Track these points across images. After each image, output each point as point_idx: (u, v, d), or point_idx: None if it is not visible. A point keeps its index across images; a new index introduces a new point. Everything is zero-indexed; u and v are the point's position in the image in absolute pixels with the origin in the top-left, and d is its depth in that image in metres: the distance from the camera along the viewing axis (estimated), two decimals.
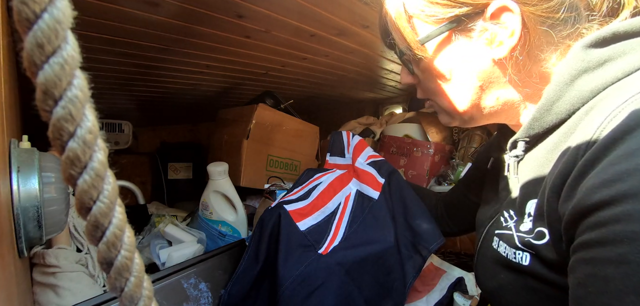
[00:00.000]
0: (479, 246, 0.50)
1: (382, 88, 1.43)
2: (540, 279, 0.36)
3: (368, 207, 0.74)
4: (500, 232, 0.43)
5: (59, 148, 0.15)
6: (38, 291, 0.58)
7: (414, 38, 0.41)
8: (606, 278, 0.25)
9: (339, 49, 0.87)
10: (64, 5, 0.14)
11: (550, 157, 0.38)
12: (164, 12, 0.58)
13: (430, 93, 0.47)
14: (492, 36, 0.38)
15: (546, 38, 0.38)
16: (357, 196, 0.76)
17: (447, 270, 0.88)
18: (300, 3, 0.61)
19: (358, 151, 0.84)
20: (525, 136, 0.40)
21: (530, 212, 0.39)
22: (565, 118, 0.37)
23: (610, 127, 0.29)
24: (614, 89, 0.33)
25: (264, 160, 1.12)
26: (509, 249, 0.41)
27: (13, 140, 0.40)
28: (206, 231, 0.96)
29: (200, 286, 0.69)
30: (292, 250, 0.66)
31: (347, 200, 0.76)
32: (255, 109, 1.07)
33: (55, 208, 0.42)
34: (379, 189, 0.76)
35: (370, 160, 0.82)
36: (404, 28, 0.42)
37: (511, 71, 0.39)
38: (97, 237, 0.17)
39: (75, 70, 0.15)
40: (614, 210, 0.25)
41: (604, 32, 0.34)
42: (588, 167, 0.29)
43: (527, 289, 0.38)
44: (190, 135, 1.72)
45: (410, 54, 0.43)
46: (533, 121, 0.39)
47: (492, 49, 0.38)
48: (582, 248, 0.28)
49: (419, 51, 0.42)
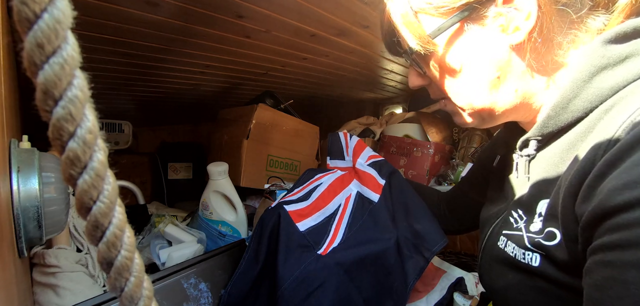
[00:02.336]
0: (483, 246, 0.49)
1: (382, 88, 1.43)
2: (549, 280, 0.36)
3: (368, 209, 0.73)
4: (508, 232, 0.42)
5: (59, 148, 0.15)
6: (38, 291, 0.58)
7: (423, 34, 0.39)
8: (626, 282, 0.24)
9: (339, 49, 0.87)
10: (64, 5, 0.14)
11: (565, 156, 0.36)
12: (164, 12, 0.58)
13: (444, 92, 0.44)
14: (507, 21, 0.36)
15: (560, 18, 0.36)
16: (357, 197, 0.76)
17: (447, 270, 0.88)
18: (300, 3, 0.61)
19: (357, 152, 0.84)
20: (538, 134, 0.39)
21: (541, 212, 0.38)
22: (582, 116, 0.35)
23: (633, 126, 0.28)
24: (636, 87, 0.32)
25: (264, 160, 1.12)
26: (517, 249, 0.40)
27: (13, 140, 0.40)
28: (206, 231, 0.96)
29: (200, 286, 0.69)
30: (292, 251, 0.66)
31: (348, 201, 0.76)
32: (255, 109, 1.07)
33: (55, 208, 0.42)
34: (379, 191, 0.75)
35: (371, 160, 0.82)
36: (410, 24, 0.40)
37: (530, 57, 0.37)
38: (97, 237, 0.17)
39: (75, 70, 0.15)
40: (636, 213, 0.25)
41: (625, 27, 0.33)
42: (609, 168, 0.28)
43: (535, 290, 0.37)
44: (190, 135, 1.72)
45: (420, 52, 0.41)
46: (547, 119, 0.37)
47: (508, 35, 0.36)
48: (601, 250, 0.27)
49: (429, 46, 0.39)
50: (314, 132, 1.26)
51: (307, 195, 0.78)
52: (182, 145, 1.60)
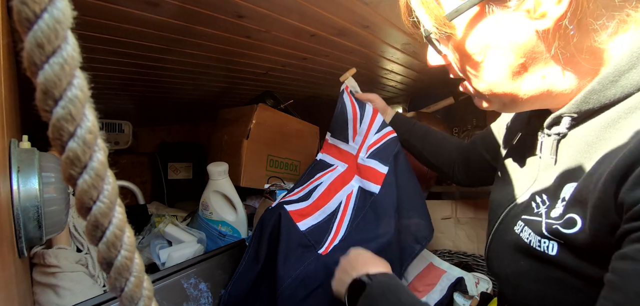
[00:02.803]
0: (494, 229, 0.46)
1: (382, 89, 1.43)
2: (565, 269, 0.34)
3: (369, 202, 0.73)
4: (528, 218, 0.40)
5: (59, 148, 0.15)
6: (38, 291, 0.58)
7: (440, 15, 0.36)
8: None
9: (339, 49, 0.87)
10: (64, 5, 0.14)
11: (602, 135, 0.33)
12: (164, 12, 0.58)
13: (464, 74, 0.41)
14: (534, 5, 0.32)
15: (603, 1, 0.32)
16: (359, 193, 0.76)
17: (447, 270, 0.88)
18: (300, 3, 0.61)
19: (366, 135, 0.80)
20: (575, 111, 0.35)
21: (564, 197, 0.35)
22: (633, 92, 0.31)
23: None
24: None
25: (264, 160, 1.12)
26: (534, 236, 0.37)
27: (13, 140, 0.40)
28: (206, 231, 0.96)
29: (200, 286, 0.69)
30: (292, 250, 0.66)
31: (349, 198, 0.75)
32: (255, 109, 1.07)
33: (55, 208, 0.42)
34: (379, 182, 0.74)
35: (372, 149, 0.79)
36: (428, 4, 0.37)
37: (558, 45, 0.33)
38: (97, 237, 0.17)
39: (75, 70, 0.15)
40: None
41: None
42: None
43: (549, 278, 0.36)
44: (190, 135, 1.72)
45: (438, 33, 0.38)
46: (590, 93, 0.34)
47: (534, 20, 0.33)
48: None
49: (446, 28, 0.37)
50: (314, 132, 1.26)
51: (308, 194, 0.78)
52: (182, 145, 1.60)
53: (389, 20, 0.73)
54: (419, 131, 0.81)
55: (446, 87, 1.29)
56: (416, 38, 0.41)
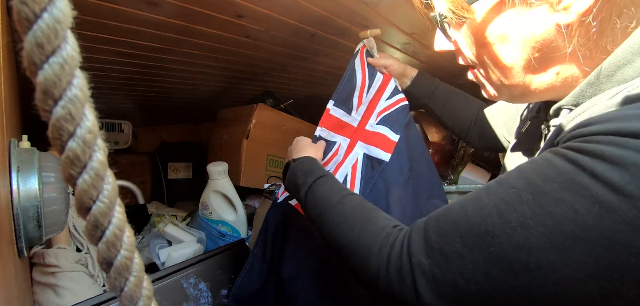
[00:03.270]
0: None
1: None
2: None
3: (379, 171, 0.68)
4: None
5: (59, 148, 0.15)
6: (38, 291, 0.58)
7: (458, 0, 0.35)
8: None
9: (339, 49, 0.87)
10: (64, 5, 0.14)
11: None
12: (163, 12, 0.58)
13: (479, 61, 0.40)
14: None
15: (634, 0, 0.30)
16: (365, 161, 0.70)
17: None
18: (300, 3, 0.61)
19: (374, 104, 0.74)
20: (573, 104, 0.35)
21: None
22: (628, 81, 0.31)
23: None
24: None
25: (264, 160, 1.12)
26: None
27: (13, 140, 0.40)
28: (206, 231, 0.96)
29: (200, 286, 0.69)
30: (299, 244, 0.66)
31: (355, 169, 0.70)
32: (255, 109, 1.07)
33: (55, 208, 0.42)
34: (390, 150, 0.69)
35: (383, 115, 0.73)
36: None
37: (577, 42, 0.32)
38: (97, 237, 0.17)
39: (75, 70, 0.15)
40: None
41: None
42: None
43: None
44: (190, 135, 1.72)
45: (453, 17, 0.37)
46: (587, 87, 0.33)
47: (555, 13, 0.32)
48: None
49: (464, 13, 0.35)
50: (314, 132, 1.26)
51: None
52: (182, 145, 1.60)
53: (389, 20, 0.73)
54: (441, 98, 0.78)
55: None
56: (416, 38, 0.40)
